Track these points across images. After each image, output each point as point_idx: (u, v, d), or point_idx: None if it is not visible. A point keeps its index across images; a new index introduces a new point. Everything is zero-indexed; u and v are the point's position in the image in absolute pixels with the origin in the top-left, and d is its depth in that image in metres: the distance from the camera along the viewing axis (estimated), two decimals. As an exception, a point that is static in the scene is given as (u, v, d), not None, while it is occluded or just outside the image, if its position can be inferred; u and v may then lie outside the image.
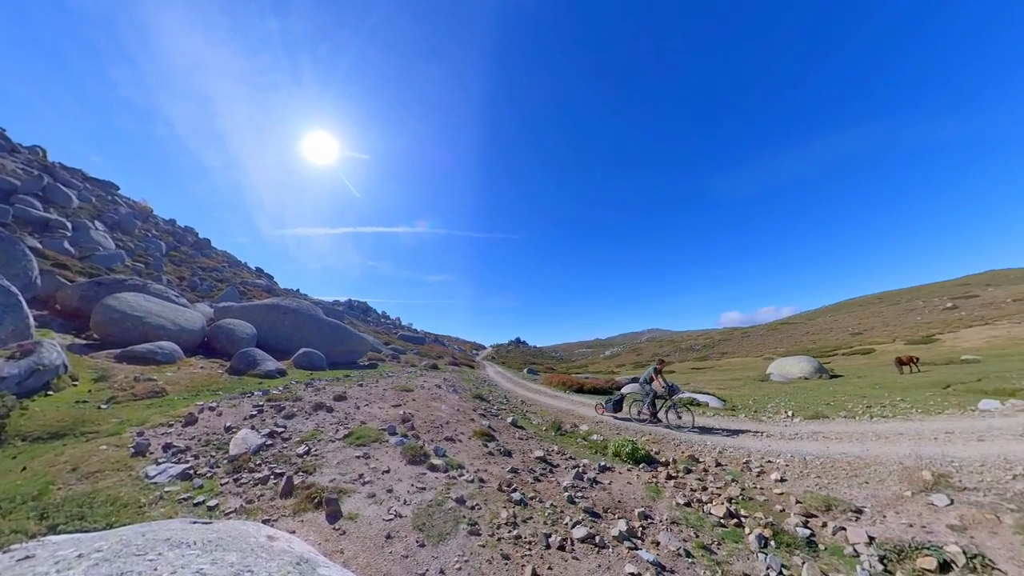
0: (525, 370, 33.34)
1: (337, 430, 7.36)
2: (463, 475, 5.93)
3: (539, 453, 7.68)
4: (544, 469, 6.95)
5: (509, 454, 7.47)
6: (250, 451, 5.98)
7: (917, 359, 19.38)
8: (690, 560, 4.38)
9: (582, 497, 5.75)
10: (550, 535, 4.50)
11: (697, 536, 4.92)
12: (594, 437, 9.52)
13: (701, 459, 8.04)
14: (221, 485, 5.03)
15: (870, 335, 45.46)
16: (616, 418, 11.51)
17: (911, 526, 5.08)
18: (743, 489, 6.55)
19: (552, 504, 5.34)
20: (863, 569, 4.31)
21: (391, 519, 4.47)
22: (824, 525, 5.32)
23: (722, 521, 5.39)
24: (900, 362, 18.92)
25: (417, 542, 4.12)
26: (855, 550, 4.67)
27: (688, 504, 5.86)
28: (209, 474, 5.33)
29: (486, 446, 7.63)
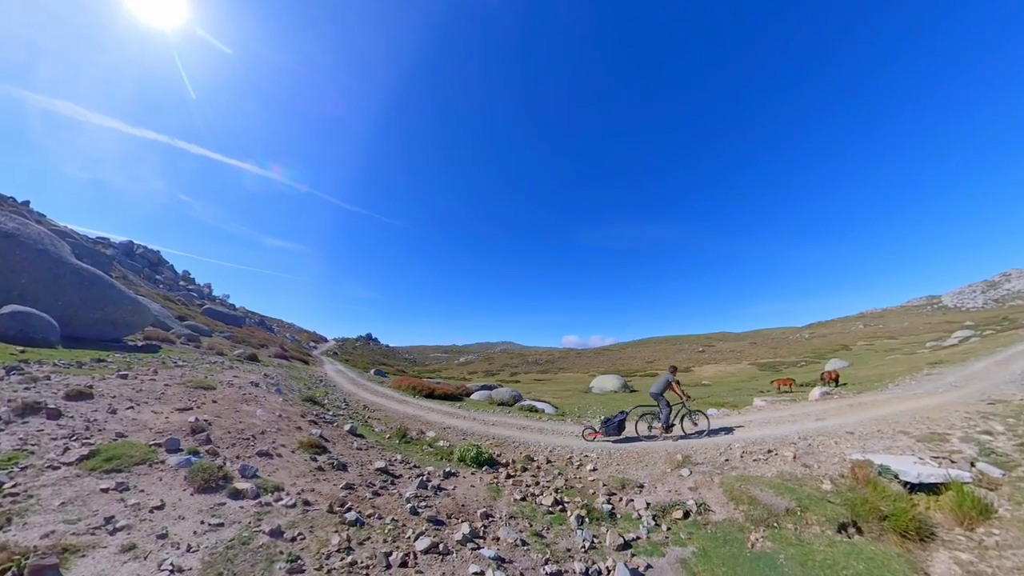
0: (372, 371, 30.02)
1: (66, 448, 4.85)
2: (281, 499, 4.80)
3: (380, 464, 6.99)
4: (385, 481, 6.34)
5: (344, 467, 6.52)
6: None
7: (679, 382, 27.70)
8: (526, 548, 4.73)
9: (426, 506, 5.49)
10: (391, 553, 4.08)
11: (531, 525, 5.38)
12: (441, 443, 9.36)
13: (535, 458, 8.93)
14: None
15: (656, 364, 61.92)
16: (616, 442, 9.74)
17: (670, 491, 6.92)
18: (567, 480, 7.59)
19: (393, 519, 4.89)
20: (643, 526, 5.73)
21: (163, 579, 3.15)
22: (620, 500, 6.73)
23: (551, 509, 6.08)
24: None
25: (206, 600, 3.04)
26: (639, 514, 6.14)
27: (524, 499, 6.37)
28: None
29: (315, 459, 6.45)
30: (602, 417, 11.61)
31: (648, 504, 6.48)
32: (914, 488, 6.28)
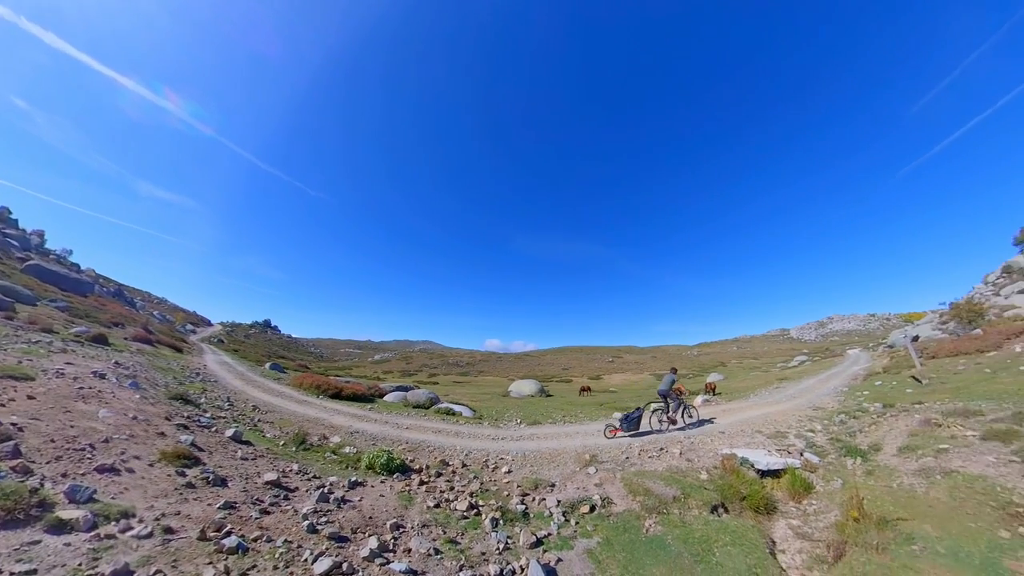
0: (268, 364, 25.41)
1: None
2: (132, 528, 3.81)
3: (271, 476, 6.06)
4: (277, 496, 5.52)
5: (224, 482, 5.48)
6: None
7: (590, 388, 29.92)
8: (439, 556, 4.54)
9: (327, 522, 4.92)
10: (282, 579, 3.53)
11: (445, 532, 5.20)
12: (347, 450, 8.53)
13: (451, 462, 8.70)
14: None
15: (572, 371, 65.99)
16: (635, 435, 10.63)
17: (578, 489, 7.36)
18: (482, 483, 7.55)
19: (287, 540, 4.27)
20: (554, 523, 5.99)
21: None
22: (534, 499, 6.93)
23: (465, 514, 5.97)
24: (582, 389, 30.04)
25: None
26: (550, 511, 6.41)
27: (438, 505, 6.15)
28: None
29: (183, 474, 5.30)
30: (619, 415, 12.28)
31: (559, 501, 6.80)
32: (763, 474, 7.76)
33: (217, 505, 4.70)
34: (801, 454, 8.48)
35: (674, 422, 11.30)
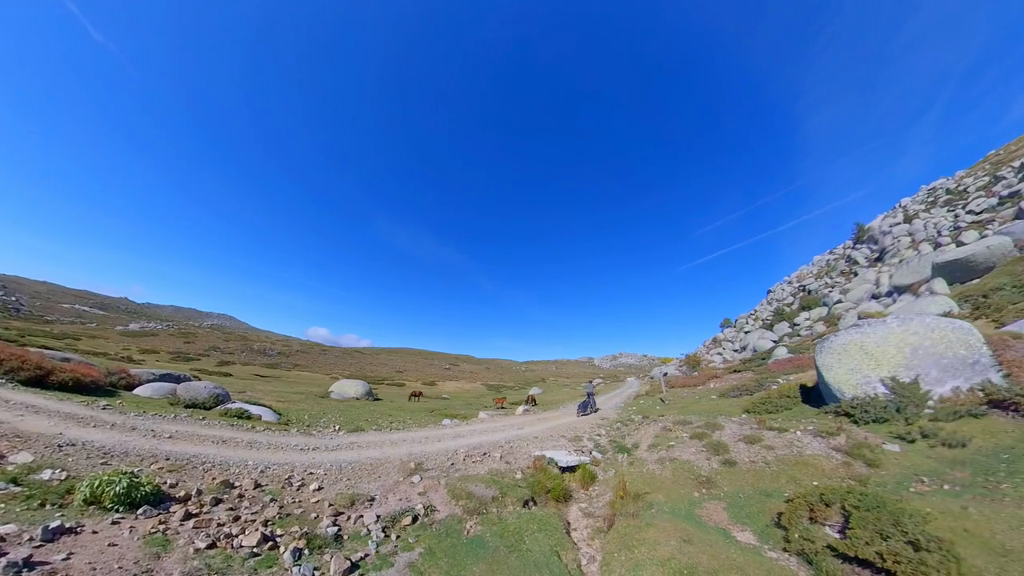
0: None
1: None
2: None
3: None
4: None
5: None
6: None
7: (422, 393, 29.14)
8: (211, 616, 3.38)
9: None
10: None
11: (222, 579, 3.94)
12: (46, 475, 5.49)
13: (237, 483, 6.80)
14: None
15: (406, 374, 62.11)
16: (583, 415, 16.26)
17: (401, 500, 6.99)
18: (282, 507, 6.19)
19: None
20: (373, 541, 5.46)
21: None
22: (349, 518, 6.13)
23: (255, 550, 4.72)
24: (413, 394, 28.62)
25: None
26: (368, 529, 5.81)
27: (214, 544, 4.65)
28: None
29: None
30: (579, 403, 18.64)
31: (379, 517, 6.24)
32: (564, 470, 9.29)
33: None
34: (591, 453, 10.59)
35: (595, 411, 18.04)
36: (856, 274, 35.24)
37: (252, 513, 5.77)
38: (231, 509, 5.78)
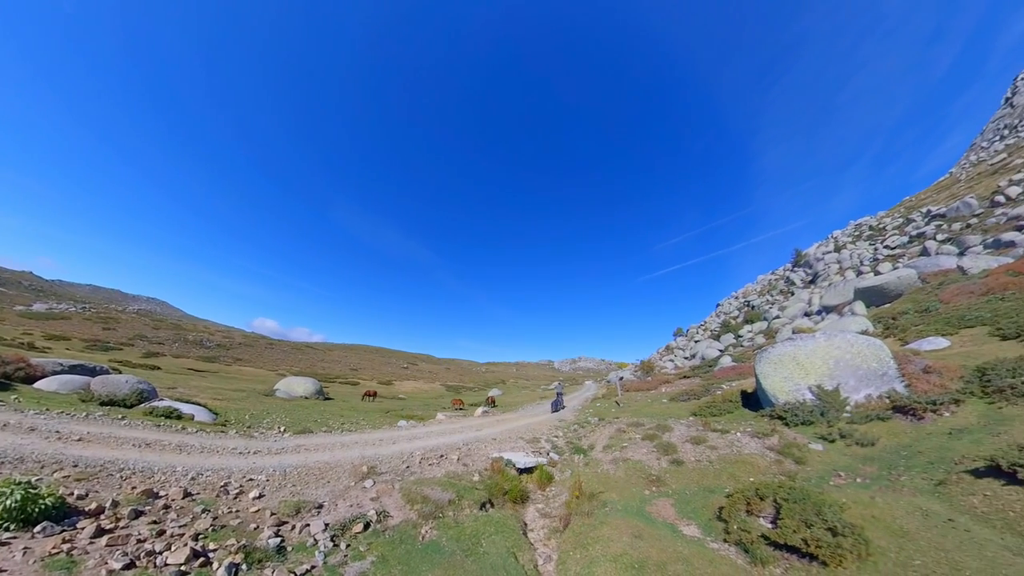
0: None
1: None
2: None
3: None
4: None
5: None
6: None
7: (376, 393, 27.89)
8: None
9: None
10: None
11: (140, 602, 3.50)
12: (-92, 493, 4.58)
13: (163, 492, 6.10)
14: None
15: (361, 372, 58.92)
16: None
17: (351, 506, 6.64)
18: (215, 518, 5.63)
19: None
20: (320, 551, 5.09)
21: None
22: (293, 528, 5.69)
23: (183, 568, 4.25)
24: (367, 394, 27.22)
25: None
26: (315, 539, 5.41)
27: (132, 564, 4.12)
28: None
29: None
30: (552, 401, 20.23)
31: (327, 525, 5.86)
32: (522, 471, 9.32)
33: None
34: (548, 454, 10.73)
35: (563, 409, 20.01)
36: (793, 293, 39.36)
37: (180, 526, 5.19)
38: (155, 522, 5.16)
